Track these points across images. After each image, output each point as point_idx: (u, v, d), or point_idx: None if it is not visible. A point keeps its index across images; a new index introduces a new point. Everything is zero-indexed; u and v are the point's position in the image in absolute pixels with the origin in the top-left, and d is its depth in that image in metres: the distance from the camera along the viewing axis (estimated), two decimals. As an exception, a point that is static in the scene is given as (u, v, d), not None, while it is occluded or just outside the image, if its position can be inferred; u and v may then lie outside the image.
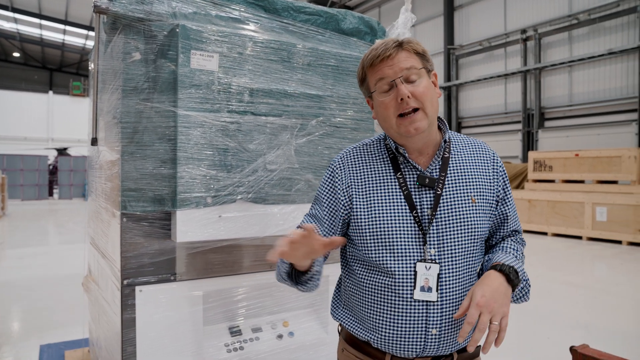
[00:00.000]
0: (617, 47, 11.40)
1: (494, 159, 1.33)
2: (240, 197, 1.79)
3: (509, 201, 1.32)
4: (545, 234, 10.30)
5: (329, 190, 1.33)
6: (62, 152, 24.36)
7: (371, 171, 1.30)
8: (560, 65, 12.72)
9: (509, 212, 1.32)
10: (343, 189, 1.30)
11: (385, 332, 1.23)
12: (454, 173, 1.25)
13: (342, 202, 1.29)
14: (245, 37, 1.80)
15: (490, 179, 1.29)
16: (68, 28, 25.31)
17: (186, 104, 1.67)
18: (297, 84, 1.93)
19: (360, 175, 1.30)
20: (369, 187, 1.28)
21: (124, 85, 1.66)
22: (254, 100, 1.82)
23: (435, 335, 1.19)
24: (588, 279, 6.42)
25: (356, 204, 1.28)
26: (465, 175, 1.25)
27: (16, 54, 31.53)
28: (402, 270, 1.20)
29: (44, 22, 24.42)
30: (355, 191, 1.29)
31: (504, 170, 1.34)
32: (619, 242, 8.96)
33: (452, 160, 1.26)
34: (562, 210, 9.87)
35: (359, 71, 1.31)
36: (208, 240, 1.76)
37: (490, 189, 1.28)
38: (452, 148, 1.29)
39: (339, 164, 1.34)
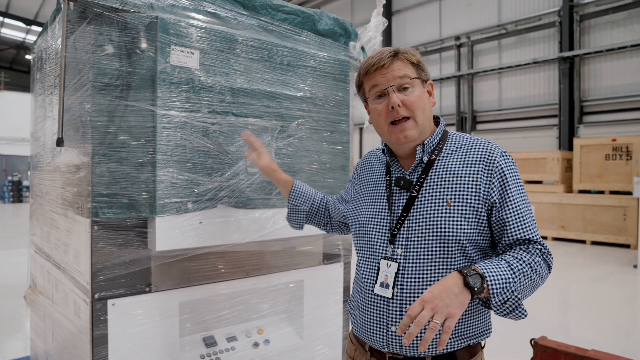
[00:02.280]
0: (540, 57, 12.31)
1: (490, 161, 1.21)
2: (221, 202, 1.70)
3: (510, 206, 1.19)
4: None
5: (349, 182, 1.60)
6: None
7: (372, 173, 1.45)
8: (490, 72, 13.51)
9: (508, 217, 1.19)
10: (354, 185, 1.53)
11: (360, 322, 1.33)
12: (435, 175, 1.26)
13: (350, 196, 1.53)
14: (226, 34, 1.72)
15: (478, 181, 1.20)
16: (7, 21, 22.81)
17: (166, 103, 1.56)
18: (277, 84, 1.87)
19: (366, 176, 1.47)
20: (367, 187, 1.44)
21: (94, 80, 1.52)
22: (235, 100, 1.74)
23: (395, 332, 1.23)
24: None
25: (354, 200, 1.47)
26: (446, 178, 1.24)
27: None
28: (368, 265, 1.31)
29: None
30: (359, 189, 1.47)
31: (504, 172, 1.21)
32: (545, 237, 9.70)
33: (437, 163, 1.27)
34: (494, 208, 10.49)
35: (356, 78, 1.38)
36: (189, 248, 1.65)
37: (476, 192, 1.20)
38: (445, 149, 1.29)
39: (359, 164, 1.56)
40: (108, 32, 1.53)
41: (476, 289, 1.06)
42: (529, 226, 1.21)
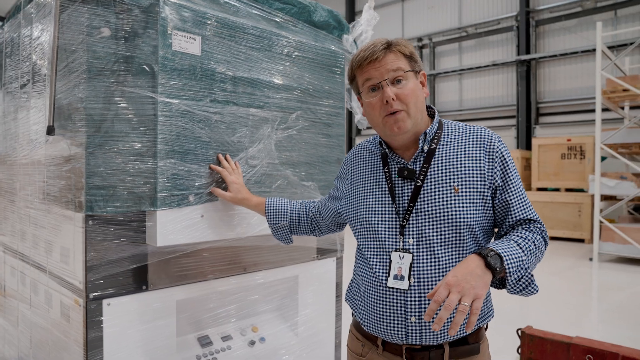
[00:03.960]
0: (499, 59, 12.77)
1: (490, 146, 1.26)
2: (222, 194, 1.63)
3: (512, 189, 1.25)
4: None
5: (337, 179, 1.55)
6: None
7: (366, 166, 1.41)
8: (452, 73, 13.88)
9: (512, 199, 1.25)
10: (344, 180, 1.48)
11: (371, 318, 1.30)
12: (438, 164, 1.27)
13: (342, 192, 1.48)
14: (227, 21, 1.65)
15: (482, 167, 1.24)
16: None
17: (167, 91, 1.48)
18: (277, 75, 1.82)
19: (358, 170, 1.43)
20: (362, 180, 1.40)
21: (89, 65, 1.42)
22: (237, 90, 1.67)
23: (415, 323, 1.23)
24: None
25: (348, 195, 1.43)
26: (450, 165, 1.26)
27: None
28: (379, 259, 1.28)
29: None
30: (352, 184, 1.43)
31: (503, 157, 1.25)
32: (505, 233, 10.05)
33: (438, 151, 1.28)
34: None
35: (349, 71, 1.35)
36: (190, 243, 1.57)
37: (481, 177, 1.23)
38: (443, 138, 1.31)
39: (347, 158, 1.51)
40: (105, 14, 1.43)
41: (497, 269, 1.10)
42: (529, 206, 1.29)
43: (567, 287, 5.76)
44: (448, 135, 1.31)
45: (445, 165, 1.26)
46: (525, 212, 1.28)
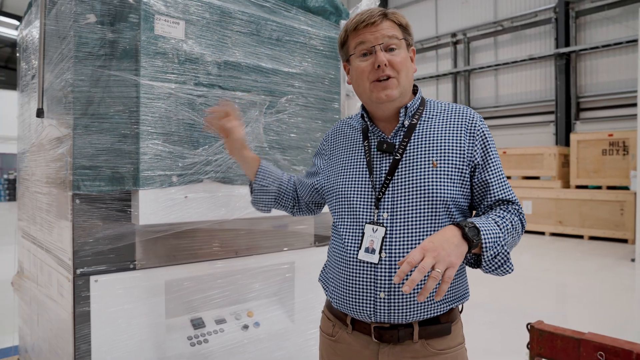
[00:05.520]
0: (536, 53, 12.32)
1: (472, 124, 1.25)
2: (207, 176, 1.66)
3: (491, 168, 1.24)
4: (476, 227, 10.88)
5: (315, 156, 1.53)
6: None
7: (346, 141, 1.40)
8: (487, 68, 13.51)
9: (491, 179, 1.24)
10: (323, 156, 1.47)
11: (341, 294, 1.27)
12: (418, 139, 1.26)
13: (320, 167, 1.47)
14: (214, 6, 1.68)
15: (462, 144, 1.23)
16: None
17: (150, 73, 1.52)
18: (266, 59, 1.83)
19: (338, 144, 1.42)
20: (341, 154, 1.39)
21: (76, 50, 1.48)
22: (222, 73, 1.70)
23: (384, 299, 1.20)
24: (515, 268, 6.85)
25: (326, 170, 1.43)
26: (430, 141, 1.24)
27: None
28: (352, 232, 1.26)
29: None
30: (330, 158, 1.42)
31: (484, 136, 1.25)
32: (543, 233, 9.68)
33: (419, 127, 1.28)
34: (491, 204, 10.47)
35: (341, 34, 1.33)
36: (173, 223, 1.61)
37: (460, 154, 1.22)
38: (425, 114, 1.30)
39: (327, 134, 1.50)
40: (90, 0, 1.49)
41: (474, 242, 1.08)
42: (508, 188, 1.27)
43: (605, 287, 5.48)
44: (430, 112, 1.31)
45: (425, 141, 1.25)
46: (504, 193, 1.26)
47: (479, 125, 1.26)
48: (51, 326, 1.85)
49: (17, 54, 2.69)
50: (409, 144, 1.26)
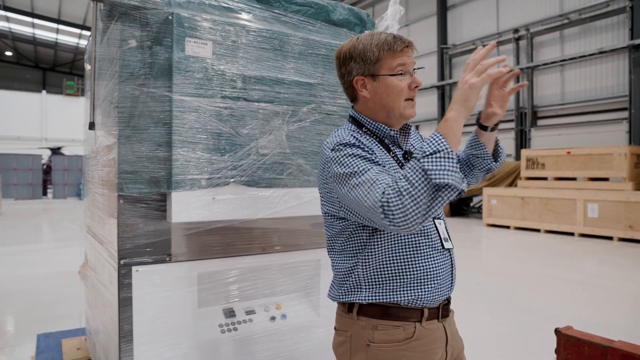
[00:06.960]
0: (608, 46, 11.53)
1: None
2: (233, 180, 1.85)
3: None
4: (538, 230, 10.41)
5: (361, 158, 1.26)
6: (55, 151, 24.27)
7: (376, 149, 1.37)
8: (552, 65, 12.84)
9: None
10: (374, 154, 1.31)
11: (427, 285, 1.32)
12: (414, 144, 1.52)
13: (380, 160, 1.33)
14: (238, 26, 1.87)
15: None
16: (61, 27, 25.18)
17: (181, 89, 1.73)
18: (288, 72, 1.99)
19: (374, 151, 1.33)
20: (381, 161, 1.32)
21: (120, 71, 1.72)
22: (247, 86, 1.88)
23: (455, 275, 1.43)
24: (578, 274, 6.52)
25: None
26: (415, 143, 1.53)
27: (8, 53, 31.30)
28: (431, 229, 1.40)
29: (36, 21, 24.26)
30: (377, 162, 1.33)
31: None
32: (610, 238, 9.08)
33: (411, 133, 1.52)
34: (555, 207, 9.98)
35: (373, 51, 1.33)
36: (202, 221, 1.81)
37: None
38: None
39: (356, 139, 1.33)
40: (131, 28, 1.72)
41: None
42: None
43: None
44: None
45: (416, 145, 1.53)
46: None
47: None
48: (105, 310, 2.13)
49: (87, 68, 3.05)
50: (413, 151, 1.50)
